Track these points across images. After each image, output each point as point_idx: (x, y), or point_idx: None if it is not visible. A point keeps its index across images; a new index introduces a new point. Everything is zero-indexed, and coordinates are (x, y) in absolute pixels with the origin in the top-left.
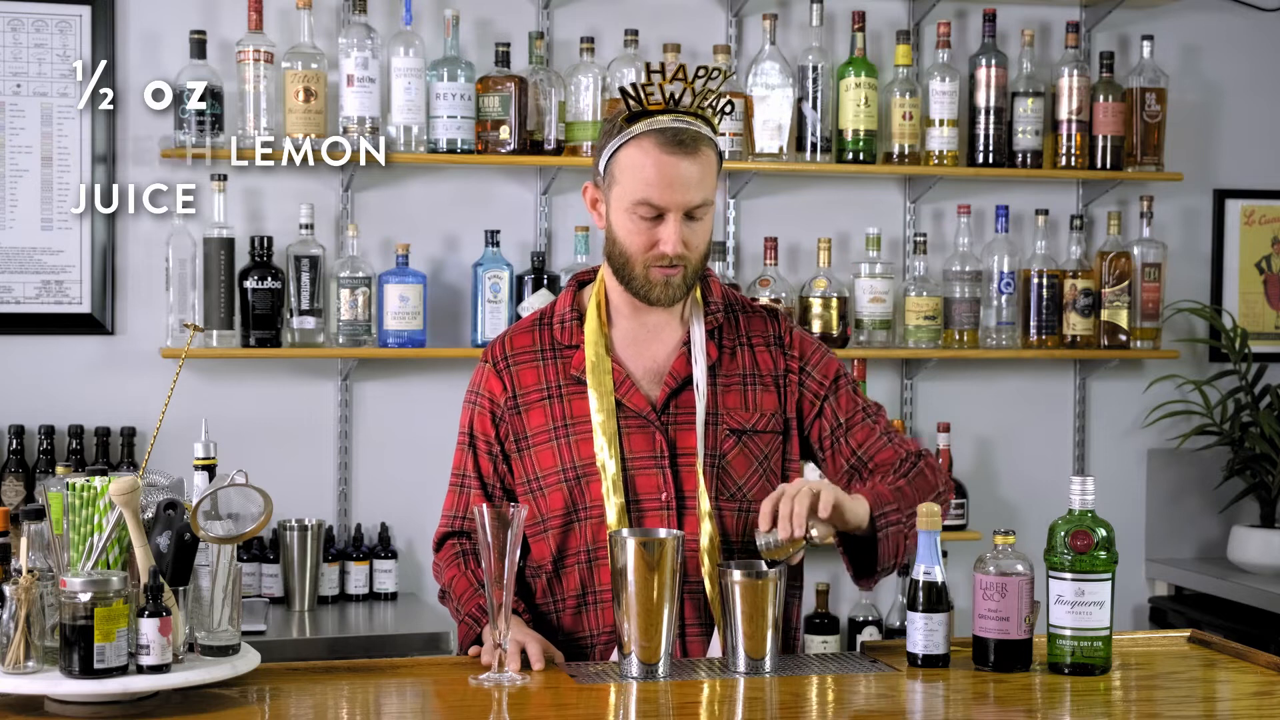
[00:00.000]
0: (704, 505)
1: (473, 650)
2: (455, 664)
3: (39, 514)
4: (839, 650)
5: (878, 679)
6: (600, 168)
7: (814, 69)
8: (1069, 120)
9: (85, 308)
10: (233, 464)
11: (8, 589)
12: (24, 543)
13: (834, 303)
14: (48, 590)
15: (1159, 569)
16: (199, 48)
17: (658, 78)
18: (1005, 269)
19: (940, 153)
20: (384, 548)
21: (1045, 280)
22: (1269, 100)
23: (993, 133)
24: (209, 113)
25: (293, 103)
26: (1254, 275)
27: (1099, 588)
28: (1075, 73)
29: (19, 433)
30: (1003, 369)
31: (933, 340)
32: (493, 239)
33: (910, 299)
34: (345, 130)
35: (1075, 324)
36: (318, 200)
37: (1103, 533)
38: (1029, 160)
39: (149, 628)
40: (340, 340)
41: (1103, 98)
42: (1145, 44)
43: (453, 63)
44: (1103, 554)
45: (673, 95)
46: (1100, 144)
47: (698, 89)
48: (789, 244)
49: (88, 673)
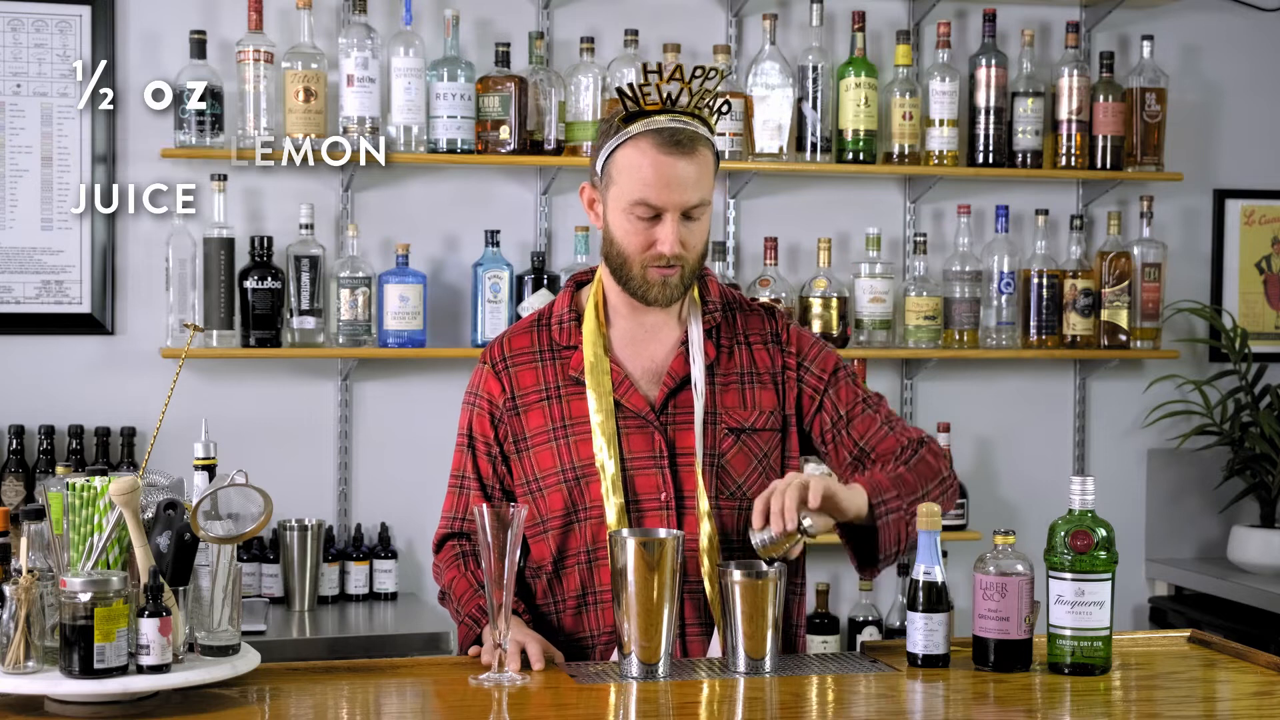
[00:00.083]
0: (703, 505)
1: (473, 650)
2: (455, 664)
3: (39, 514)
4: (839, 650)
5: (878, 679)
6: (597, 168)
7: (814, 69)
8: (1069, 120)
9: (85, 308)
10: (233, 464)
11: (8, 589)
12: (24, 543)
13: (834, 303)
14: (48, 590)
15: (1159, 569)
16: (199, 48)
17: (654, 78)
18: (1005, 269)
19: (940, 153)
20: (384, 548)
21: (1045, 280)
22: (1269, 100)
23: (993, 133)
24: (209, 113)
25: (293, 103)
26: (1254, 275)
27: (1099, 588)
28: (1075, 73)
29: (19, 433)
30: (1003, 369)
31: (933, 340)
32: (493, 239)
33: (910, 299)
34: (345, 130)
35: (1075, 324)
36: (318, 200)
37: (1103, 533)
38: (1029, 160)
39: (149, 628)
40: (340, 340)
41: (1103, 98)
42: (1145, 44)
43: (453, 63)
44: (1103, 554)
45: (669, 95)
46: (1100, 144)
47: (695, 89)
48: (789, 244)
49: (88, 673)
